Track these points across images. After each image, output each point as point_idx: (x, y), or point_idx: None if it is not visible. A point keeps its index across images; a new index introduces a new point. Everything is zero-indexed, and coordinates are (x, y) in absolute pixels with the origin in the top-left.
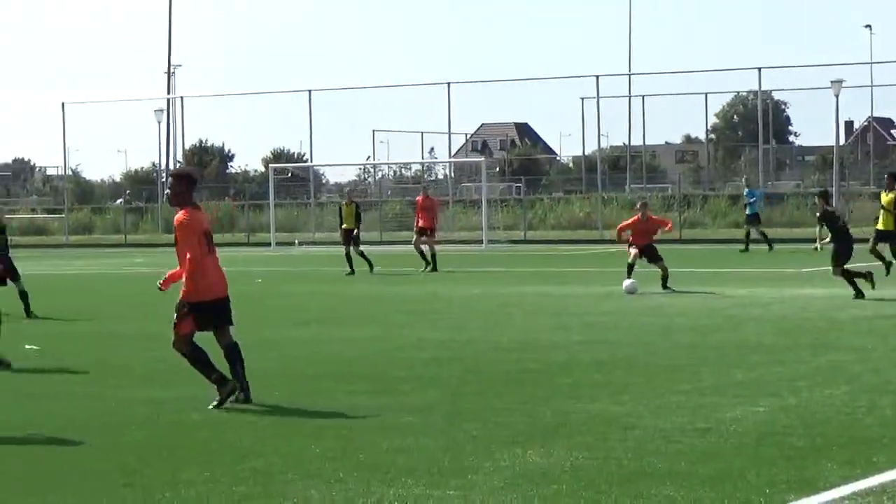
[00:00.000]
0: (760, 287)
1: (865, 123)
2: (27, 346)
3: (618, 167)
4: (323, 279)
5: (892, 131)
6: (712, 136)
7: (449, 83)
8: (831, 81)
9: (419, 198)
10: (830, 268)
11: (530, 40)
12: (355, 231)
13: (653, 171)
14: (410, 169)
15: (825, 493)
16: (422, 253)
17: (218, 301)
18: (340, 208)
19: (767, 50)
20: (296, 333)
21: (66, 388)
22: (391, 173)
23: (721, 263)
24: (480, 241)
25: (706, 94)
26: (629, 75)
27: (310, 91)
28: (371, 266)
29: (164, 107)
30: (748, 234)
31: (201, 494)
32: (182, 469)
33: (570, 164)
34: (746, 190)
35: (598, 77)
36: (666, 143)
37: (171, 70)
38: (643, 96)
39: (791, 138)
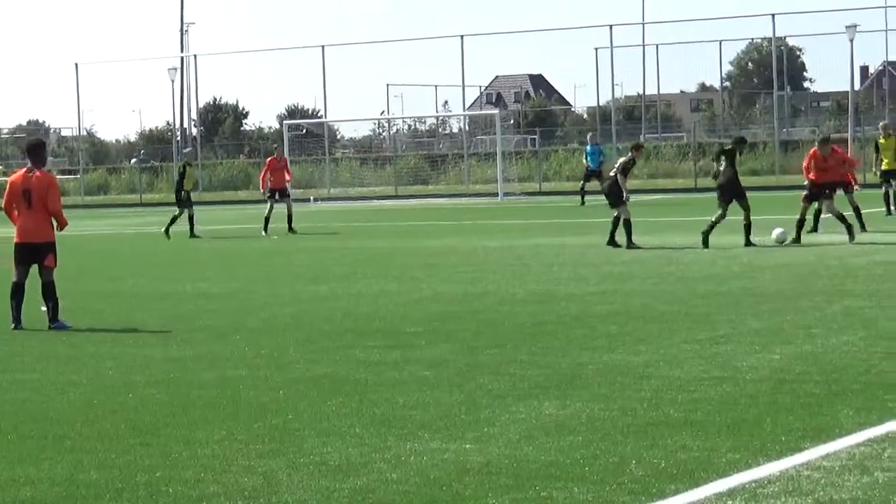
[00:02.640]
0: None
1: (881, 68)
2: (42, 308)
3: (632, 117)
4: (338, 235)
5: None
6: (727, 83)
7: (462, 36)
8: (846, 26)
9: (271, 158)
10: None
11: None
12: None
13: (668, 120)
14: (425, 123)
15: (841, 440)
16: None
17: (29, 244)
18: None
19: None
20: (311, 289)
21: (82, 348)
22: (406, 127)
23: (736, 211)
24: (496, 194)
25: (720, 41)
26: (643, 24)
27: (323, 47)
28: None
29: (178, 65)
30: (583, 188)
31: (217, 453)
32: (198, 427)
33: (585, 115)
34: (588, 146)
35: (611, 27)
36: (681, 91)
37: (185, 28)
38: (657, 45)
39: (806, 84)
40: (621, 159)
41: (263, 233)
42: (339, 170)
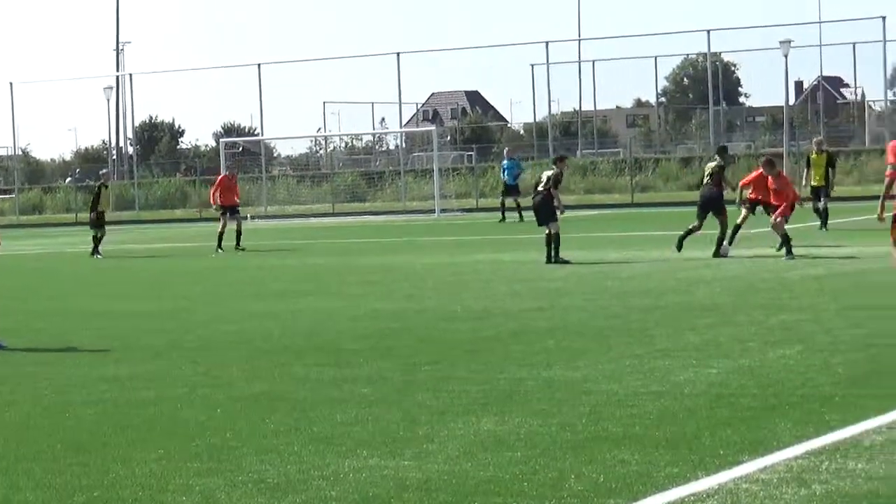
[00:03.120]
0: (712, 249)
1: (815, 83)
2: None
3: (569, 133)
4: (277, 253)
5: (842, 90)
6: (663, 99)
7: (399, 53)
8: (780, 42)
9: (223, 177)
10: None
11: (479, 8)
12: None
13: (604, 136)
14: (362, 140)
15: (779, 453)
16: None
17: None
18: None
19: (716, 12)
20: (250, 307)
21: (19, 368)
22: (342, 145)
23: (673, 226)
24: (433, 211)
25: (656, 57)
26: (579, 41)
27: (259, 65)
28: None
29: (114, 84)
30: (503, 203)
31: (155, 472)
32: (136, 447)
33: (522, 131)
34: (505, 161)
35: (547, 43)
36: (617, 107)
37: (120, 47)
38: (593, 61)
39: (741, 99)
40: (547, 173)
41: (219, 250)
42: (275, 187)
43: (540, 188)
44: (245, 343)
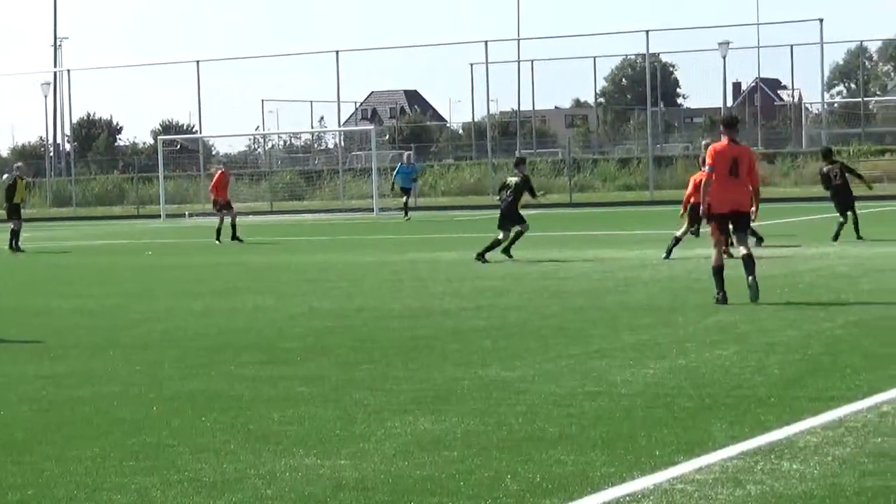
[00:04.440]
0: (650, 249)
1: (753, 84)
2: None
3: (508, 133)
4: (214, 250)
5: (779, 91)
6: (601, 99)
7: (337, 51)
8: (718, 43)
9: (221, 173)
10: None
11: (418, 6)
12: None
13: (543, 136)
14: (300, 138)
15: (714, 453)
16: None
17: None
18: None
19: (655, 13)
20: (186, 305)
21: None
22: (281, 143)
23: (611, 226)
24: (371, 209)
25: (595, 57)
26: (518, 40)
27: (198, 62)
28: None
29: (51, 80)
30: (406, 203)
31: (90, 470)
32: (71, 445)
33: (461, 131)
34: (402, 165)
35: (486, 42)
36: (556, 107)
37: (58, 43)
38: (532, 61)
39: (679, 100)
40: (513, 179)
41: (217, 242)
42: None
43: (508, 194)
44: (181, 341)
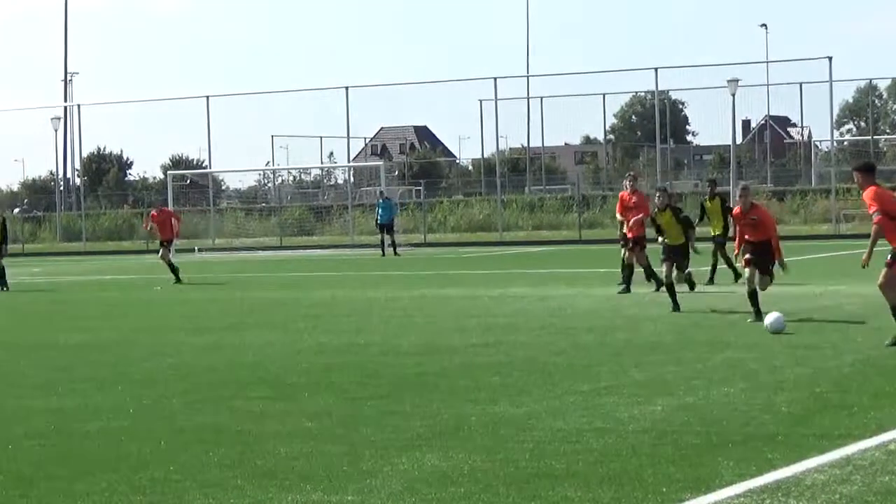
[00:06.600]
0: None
1: (762, 122)
2: None
3: (517, 169)
4: (223, 286)
5: (789, 129)
6: (611, 136)
7: (347, 87)
8: (728, 80)
9: (159, 211)
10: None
11: (428, 43)
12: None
13: (552, 173)
14: (310, 174)
15: (721, 491)
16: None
17: None
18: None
19: (664, 50)
20: (195, 340)
21: None
22: (290, 178)
23: (618, 263)
24: (380, 245)
25: (604, 94)
26: (527, 77)
27: (207, 97)
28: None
29: (61, 115)
30: (382, 240)
31: None
32: (79, 479)
33: (470, 167)
34: (380, 201)
35: (496, 79)
36: (565, 144)
37: (68, 78)
38: (541, 98)
39: (689, 137)
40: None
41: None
42: (223, 220)
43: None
44: (189, 376)
